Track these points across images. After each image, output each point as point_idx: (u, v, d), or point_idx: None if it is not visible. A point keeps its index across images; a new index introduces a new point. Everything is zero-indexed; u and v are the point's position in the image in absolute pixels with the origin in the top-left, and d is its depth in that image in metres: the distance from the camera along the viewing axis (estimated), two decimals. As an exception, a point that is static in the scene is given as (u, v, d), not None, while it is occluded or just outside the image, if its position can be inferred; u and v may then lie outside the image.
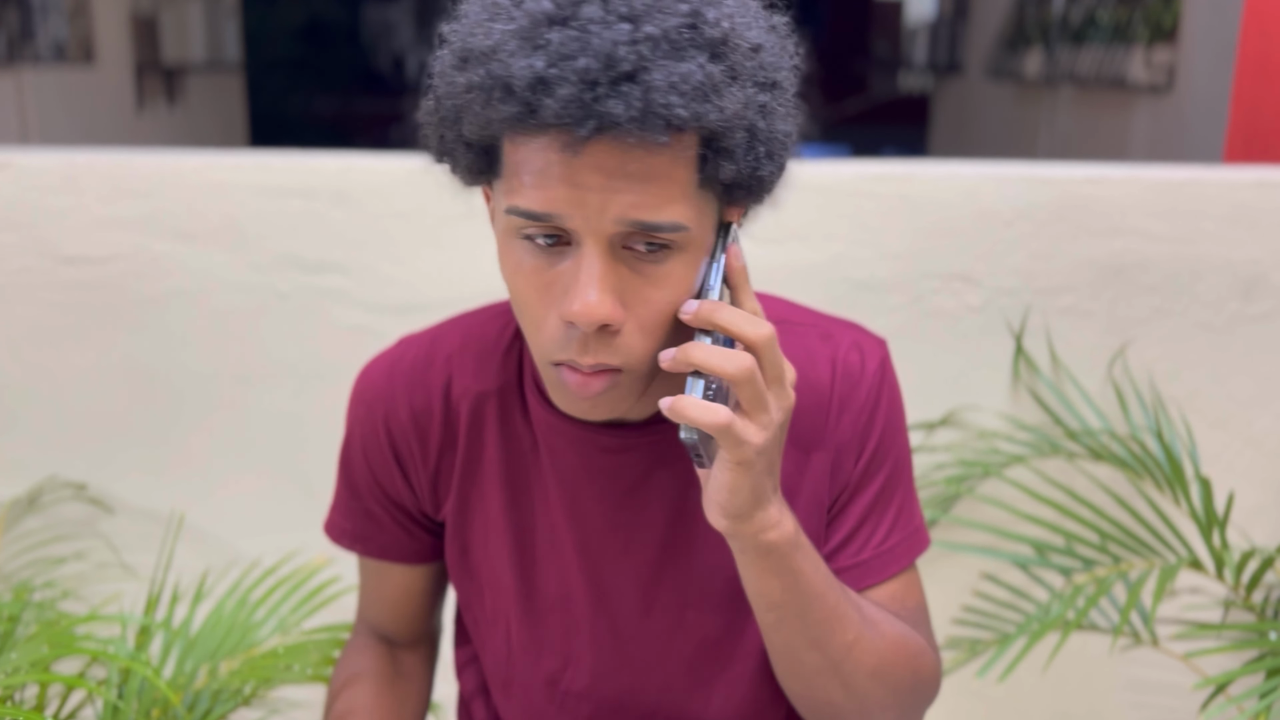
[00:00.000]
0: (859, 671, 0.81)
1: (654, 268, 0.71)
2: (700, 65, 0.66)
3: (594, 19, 0.65)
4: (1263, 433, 1.62)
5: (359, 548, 0.97)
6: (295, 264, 1.61)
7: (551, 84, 0.65)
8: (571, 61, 0.64)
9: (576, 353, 0.72)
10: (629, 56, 0.64)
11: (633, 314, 0.72)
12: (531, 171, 0.68)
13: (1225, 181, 1.57)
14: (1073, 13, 3.68)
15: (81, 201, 1.59)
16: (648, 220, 0.68)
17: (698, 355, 0.69)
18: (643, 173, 0.67)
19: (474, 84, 0.68)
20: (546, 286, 0.72)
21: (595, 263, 0.69)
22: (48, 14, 3.37)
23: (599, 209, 0.68)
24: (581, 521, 0.88)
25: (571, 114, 0.65)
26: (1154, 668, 1.66)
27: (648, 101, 0.64)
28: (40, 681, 1.12)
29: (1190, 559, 1.42)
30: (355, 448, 0.94)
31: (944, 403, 1.62)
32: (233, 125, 5.16)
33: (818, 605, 0.78)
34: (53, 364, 1.64)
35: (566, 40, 0.65)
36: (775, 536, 0.75)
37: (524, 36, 0.66)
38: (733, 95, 0.68)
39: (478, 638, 0.97)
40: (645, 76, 0.64)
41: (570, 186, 0.67)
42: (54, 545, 1.63)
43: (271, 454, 1.66)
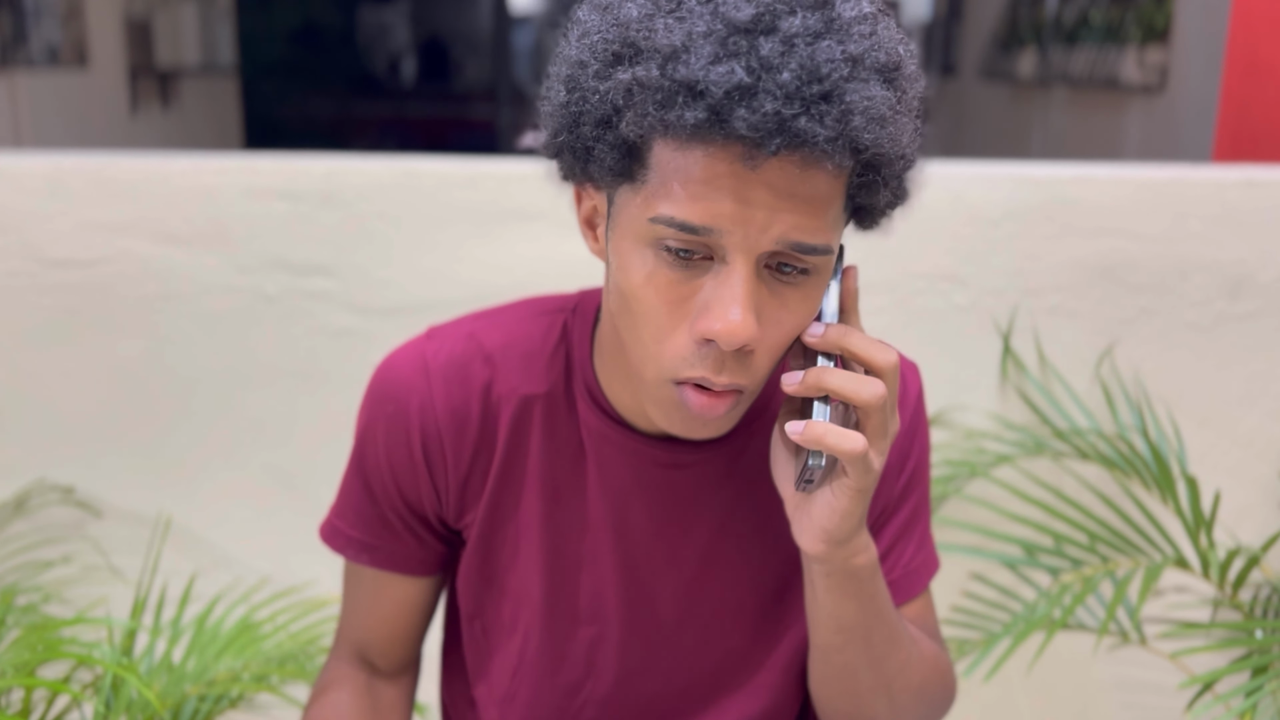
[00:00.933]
0: (907, 690, 0.82)
1: (790, 290, 0.69)
2: (881, 90, 0.64)
3: (798, 32, 0.63)
4: (1249, 432, 1.62)
5: (366, 558, 0.91)
6: (283, 266, 1.61)
7: (750, 94, 0.62)
8: (775, 74, 0.62)
9: (711, 371, 0.69)
10: (831, 75, 0.62)
11: (764, 334, 0.70)
12: (693, 181, 0.65)
13: (1212, 181, 1.57)
14: (1066, 13, 3.68)
15: (68, 205, 1.59)
16: (806, 242, 0.67)
17: (833, 381, 0.68)
18: (810, 194, 0.65)
19: (646, 83, 0.64)
20: (680, 301, 0.69)
21: (745, 281, 0.66)
22: (41, 17, 3.37)
23: (762, 227, 0.65)
24: (625, 532, 0.86)
25: (765, 127, 0.62)
26: (1141, 667, 1.66)
27: (844, 123, 0.62)
28: (25, 686, 1.11)
29: (1177, 558, 1.42)
30: (377, 449, 0.87)
31: (931, 403, 1.62)
32: (227, 129, 5.16)
33: (882, 626, 0.79)
34: (40, 367, 1.64)
35: (772, 51, 0.62)
36: (863, 561, 0.75)
37: (720, 41, 0.63)
38: (902, 124, 0.66)
39: (482, 650, 0.93)
40: (843, 98, 0.62)
41: (737, 202, 0.65)
42: (41, 549, 1.62)
43: (259, 457, 1.66)
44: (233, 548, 1.67)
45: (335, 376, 1.63)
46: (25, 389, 1.64)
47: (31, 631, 1.17)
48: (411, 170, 1.59)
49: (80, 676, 1.19)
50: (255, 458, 1.66)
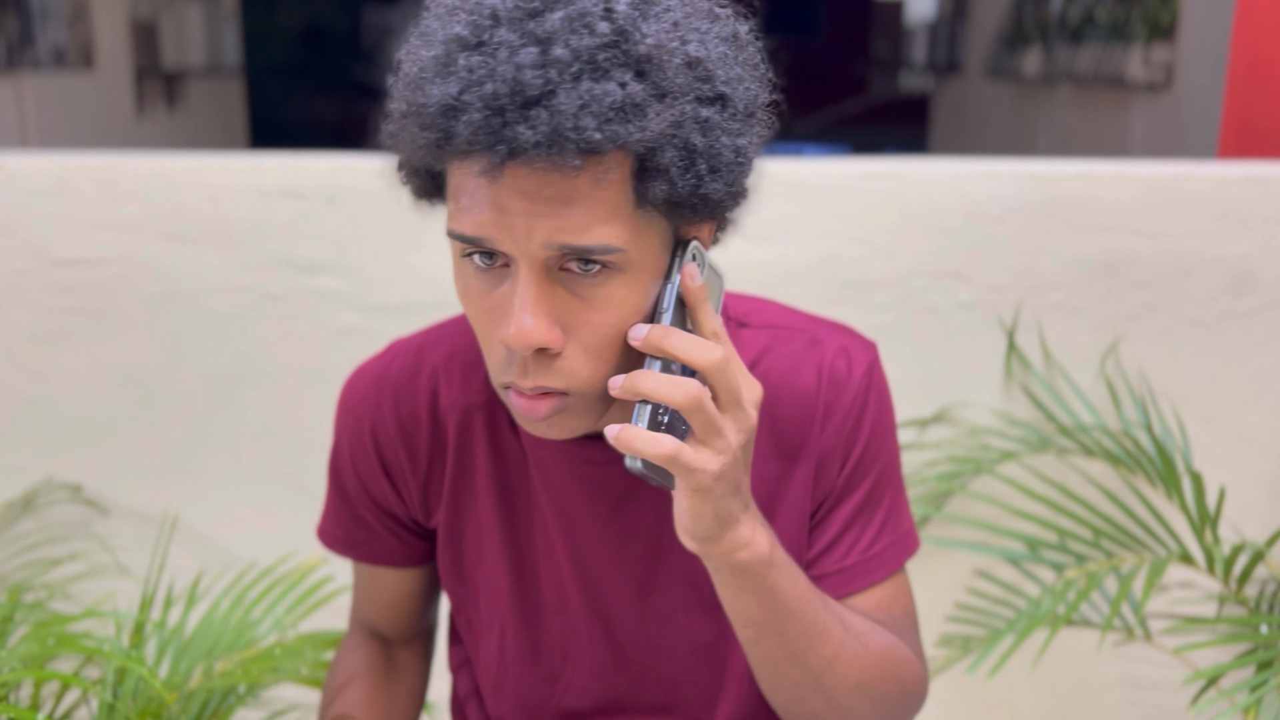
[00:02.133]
0: (841, 685, 0.81)
1: (593, 290, 0.70)
2: (621, 84, 0.64)
3: (505, 43, 0.64)
4: (1254, 428, 1.62)
5: (351, 554, 0.97)
6: (288, 265, 1.61)
7: (461, 110, 0.64)
8: (479, 87, 0.63)
9: (517, 376, 0.72)
10: (535, 81, 0.63)
11: (574, 337, 0.71)
12: (463, 195, 0.68)
13: (1215, 177, 1.57)
14: (1071, 11, 3.68)
15: (74, 204, 1.60)
16: (574, 243, 0.67)
17: (644, 384, 0.68)
18: (564, 195, 0.66)
19: (403, 112, 0.68)
20: (491, 309, 0.71)
21: (528, 286, 0.68)
22: (47, 19, 3.38)
23: (525, 233, 0.67)
24: (572, 532, 0.88)
25: (482, 140, 0.64)
26: (1146, 663, 1.66)
27: (555, 126, 0.63)
28: (35, 680, 1.12)
29: (1182, 553, 1.42)
30: (344, 456, 0.94)
31: (936, 400, 1.62)
32: (233, 130, 5.17)
33: (796, 621, 0.78)
34: (47, 367, 1.65)
35: (476, 65, 0.64)
36: (747, 556, 0.74)
37: (441, 63, 0.65)
38: (659, 114, 0.65)
39: (470, 640, 0.97)
40: (552, 101, 0.63)
41: (495, 210, 0.67)
42: (49, 547, 1.63)
43: (265, 455, 1.67)
44: (239, 545, 1.67)
45: (340, 375, 1.62)
46: (32, 388, 1.65)
47: (40, 627, 1.18)
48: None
49: (88, 673, 1.20)
50: (261, 456, 1.67)
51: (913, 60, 6.37)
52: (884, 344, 1.59)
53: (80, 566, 1.66)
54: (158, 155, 1.64)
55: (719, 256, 0.81)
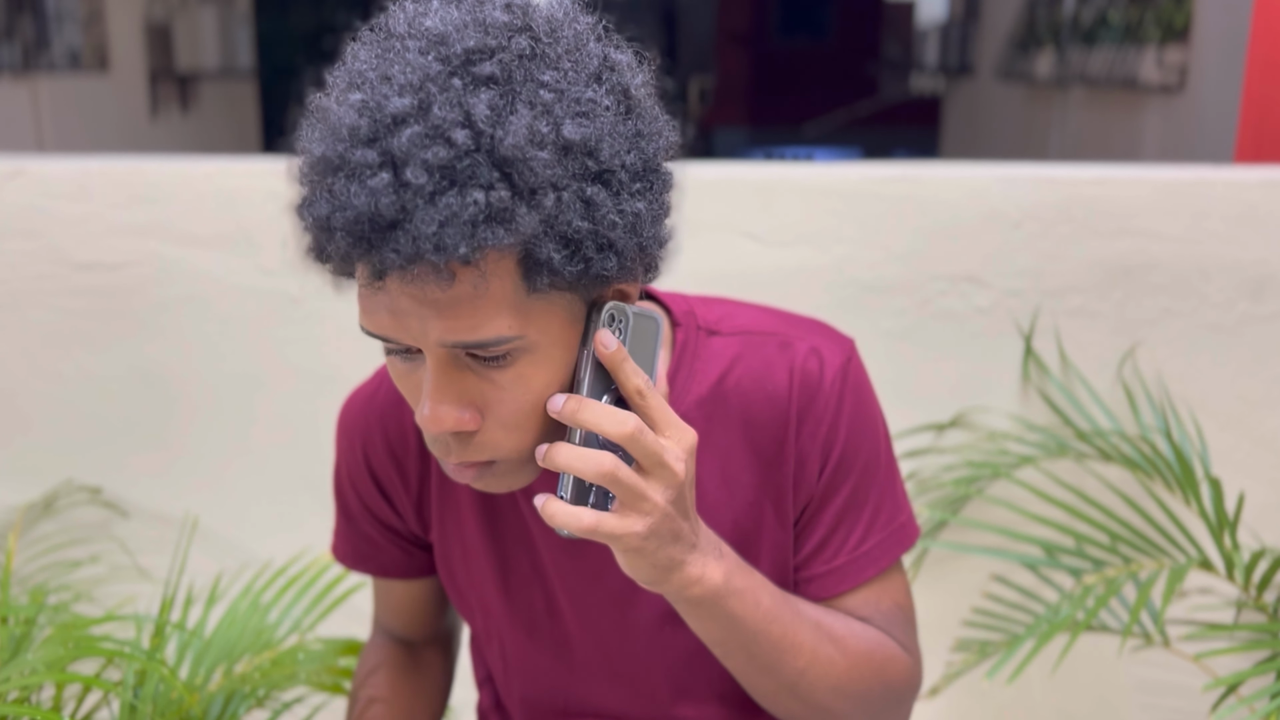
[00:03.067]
0: (816, 690, 0.82)
1: (500, 373, 0.71)
2: (484, 190, 0.63)
3: (363, 164, 0.63)
4: (1273, 433, 1.61)
5: (361, 568, 1.00)
6: (307, 268, 1.62)
7: (330, 232, 0.65)
8: (342, 212, 0.64)
9: (441, 453, 0.74)
10: (390, 206, 0.62)
11: (491, 414, 0.72)
12: (362, 296, 0.70)
13: (1233, 181, 1.56)
14: (1084, 13, 3.67)
15: (94, 208, 1.61)
16: (467, 340, 0.68)
17: (560, 458, 0.69)
18: (448, 300, 0.66)
19: (293, 215, 0.69)
20: (412, 390, 0.74)
21: (435, 376, 0.70)
22: (62, 22, 3.40)
23: (420, 332, 0.68)
24: (554, 547, 0.89)
25: (351, 261, 0.66)
26: (1164, 669, 1.66)
27: (416, 248, 0.63)
28: (57, 682, 1.13)
29: (1200, 559, 1.42)
30: (343, 477, 0.97)
31: (953, 404, 1.62)
32: (246, 132, 5.19)
33: (761, 639, 0.79)
34: (67, 369, 1.65)
35: (338, 190, 0.64)
36: (699, 591, 0.75)
37: (314, 179, 0.66)
38: (529, 213, 0.64)
39: (477, 654, 1.02)
40: (408, 225, 0.63)
41: (390, 314, 0.68)
42: (69, 549, 1.64)
43: (284, 457, 1.67)
44: (258, 547, 1.68)
45: (359, 378, 1.63)
46: (53, 391, 1.66)
47: (62, 630, 1.19)
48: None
49: (110, 675, 1.20)
50: (280, 459, 1.67)
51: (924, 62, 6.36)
52: (901, 349, 1.61)
53: (101, 568, 1.66)
54: (178, 159, 1.65)
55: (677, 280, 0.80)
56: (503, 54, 0.66)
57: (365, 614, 1.11)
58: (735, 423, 0.85)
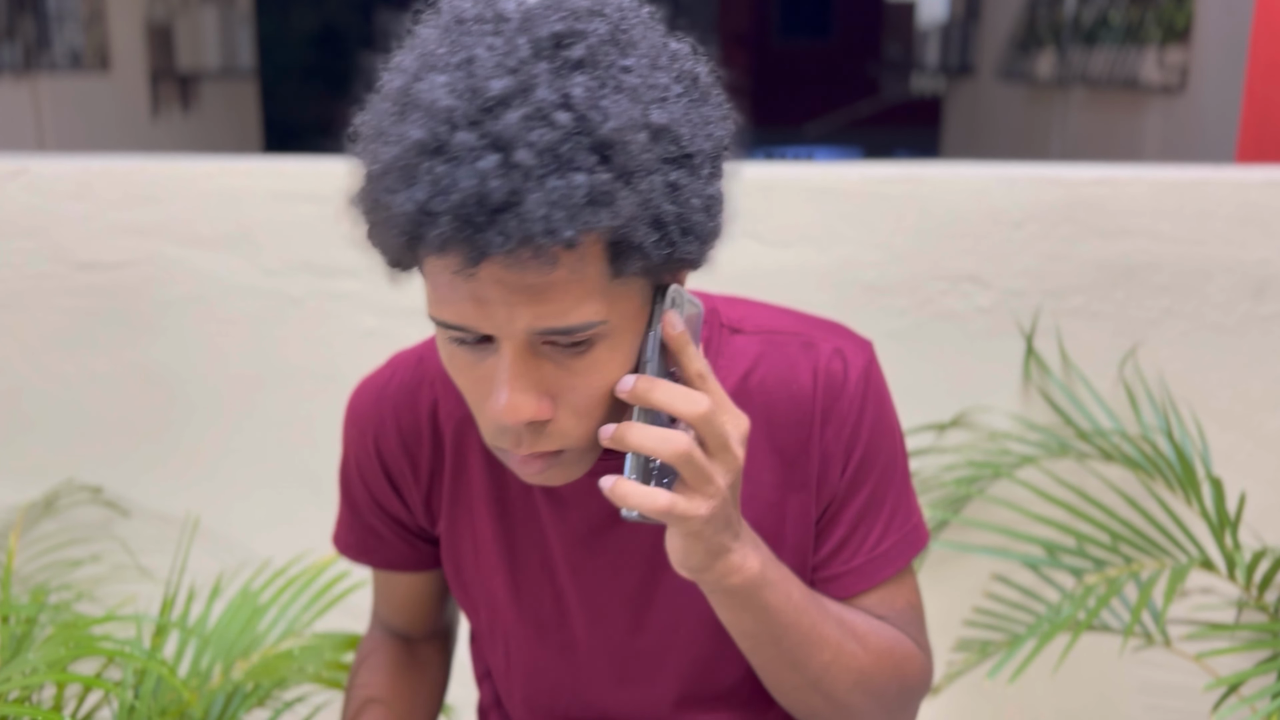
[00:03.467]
0: (839, 686, 0.82)
1: (577, 359, 0.70)
2: (588, 174, 0.63)
3: (466, 147, 0.63)
4: (1274, 433, 1.61)
5: (364, 560, 0.99)
6: (307, 268, 1.62)
7: (430, 218, 0.63)
8: (445, 197, 0.62)
9: (510, 444, 0.73)
10: (500, 188, 0.62)
11: (564, 402, 0.72)
12: (440, 286, 0.69)
13: (1235, 181, 1.56)
14: (1085, 14, 3.67)
15: (96, 208, 1.61)
16: (554, 326, 0.68)
17: (633, 438, 0.69)
18: (542, 285, 0.66)
19: (370, 207, 0.68)
20: (478, 381, 0.72)
21: (511, 365, 0.69)
22: (63, 22, 3.40)
23: (506, 320, 0.67)
24: (571, 543, 0.88)
25: (453, 245, 0.64)
26: (1166, 669, 1.66)
27: (525, 230, 0.62)
28: (58, 682, 1.13)
29: (1202, 559, 1.42)
30: (351, 467, 0.95)
31: (954, 404, 1.62)
32: (247, 132, 5.19)
33: (791, 632, 0.79)
34: (68, 368, 1.65)
35: (441, 174, 0.63)
36: (738, 580, 0.76)
37: (404, 166, 0.64)
38: (629, 195, 0.65)
39: (477, 651, 1.00)
40: (519, 207, 0.62)
41: (475, 302, 0.67)
42: (70, 548, 1.64)
43: (285, 457, 1.67)
44: (260, 547, 1.68)
45: (359, 377, 1.64)
46: (53, 390, 1.66)
47: (63, 629, 1.19)
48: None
49: (111, 674, 1.20)
50: (281, 458, 1.67)
51: (925, 62, 6.36)
52: (902, 348, 1.61)
53: (102, 568, 1.66)
54: (179, 159, 1.65)
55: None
56: (589, 38, 0.66)
57: (364, 612, 1.11)
58: (758, 422, 0.85)
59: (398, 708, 0.98)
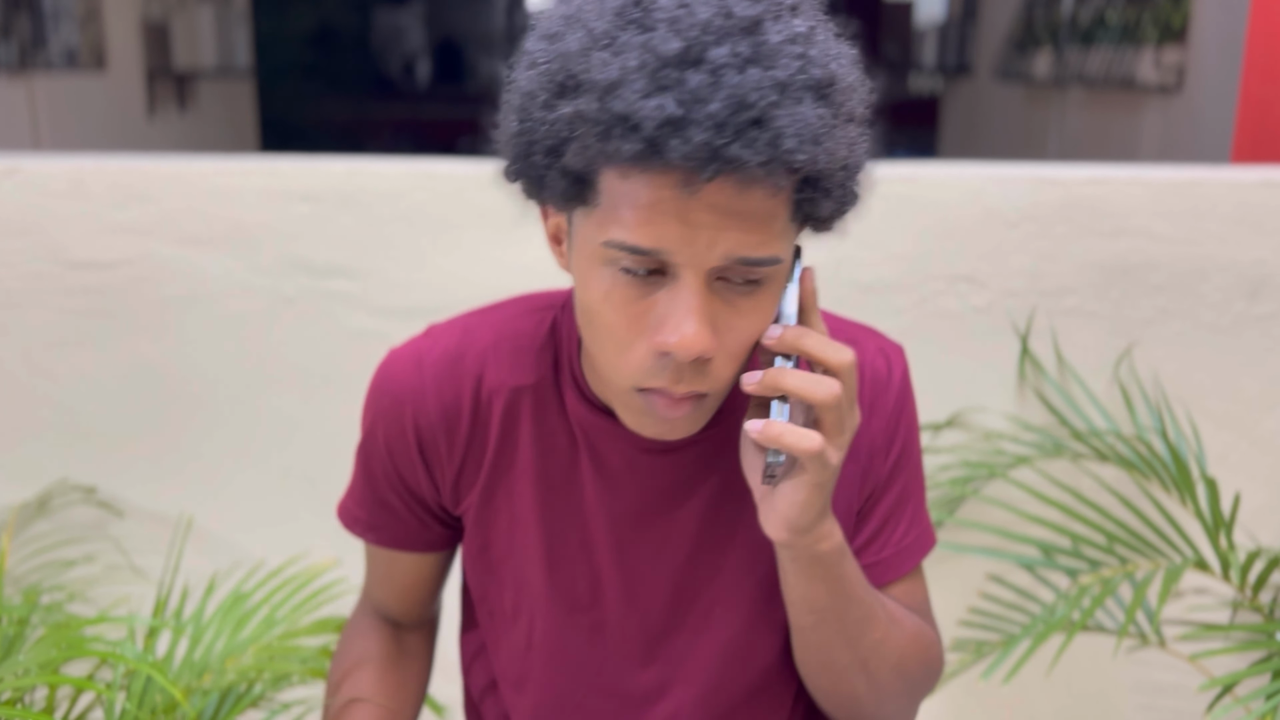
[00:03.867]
0: (883, 667, 0.85)
1: (743, 299, 0.72)
2: (817, 108, 0.66)
3: (723, 63, 0.65)
4: (1269, 433, 1.61)
5: (371, 536, 0.97)
6: (303, 268, 1.62)
7: (682, 126, 0.64)
8: (703, 105, 0.64)
9: (670, 382, 0.73)
10: (758, 102, 0.64)
11: (722, 342, 0.73)
12: (639, 206, 0.68)
13: (1231, 182, 1.56)
14: (1082, 14, 3.67)
15: (90, 207, 1.60)
16: (751, 256, 0.69)
17: (789, 381, 0.71)
18: (752, 212, 0.68)
19: (586, 116, 0.67)
20: (639, 316, 0.72)
21: (696, 296, 0.70)
22: (59, 21, 3.39)
23: (707, 245, 0.68)
24: (617, 520, 0.88)
25: (698, 157, 0.65)
26: (1160, 669, 1.66)
27: (774, 147, 0.65)
28: (49, 683, 1.12)
29: (1196, 560, 1.42)
30: (377, 439, 0.92)
31: (949, 404, 1.62)
32: (244, 131, 5.18)
33: (855, 607, 0.82)
34: (62, 368, 1.65)
35: (700, 83, 0.64)
36: (827, 547, 0.78)
37: (651, 74, 0.65)
38: (838, 137, 0.69)
39: (493, 631, 0.97)
40: (772, 123, 0.65)
41: (681, 224, 0.68)
42: (64, 548, 1.64)
43: (279, 457, 1.67)
44: (253, 547, 1.68)
45: (355, 377, 1.63)
46: (47, 390, 1.66)
47: (55, 630, 1.18)
48: (431, 172, 1.59)
49: (103, 675, 1.20)
50: (275, 458, 1.67)
51: (922, 62, 6.36)
52: (897, 348, 1.60)
53: (95, 568, 1.66)
54: (173, 158, 1.65)
55: None
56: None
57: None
58: None
59: (388, 706, 0.98)
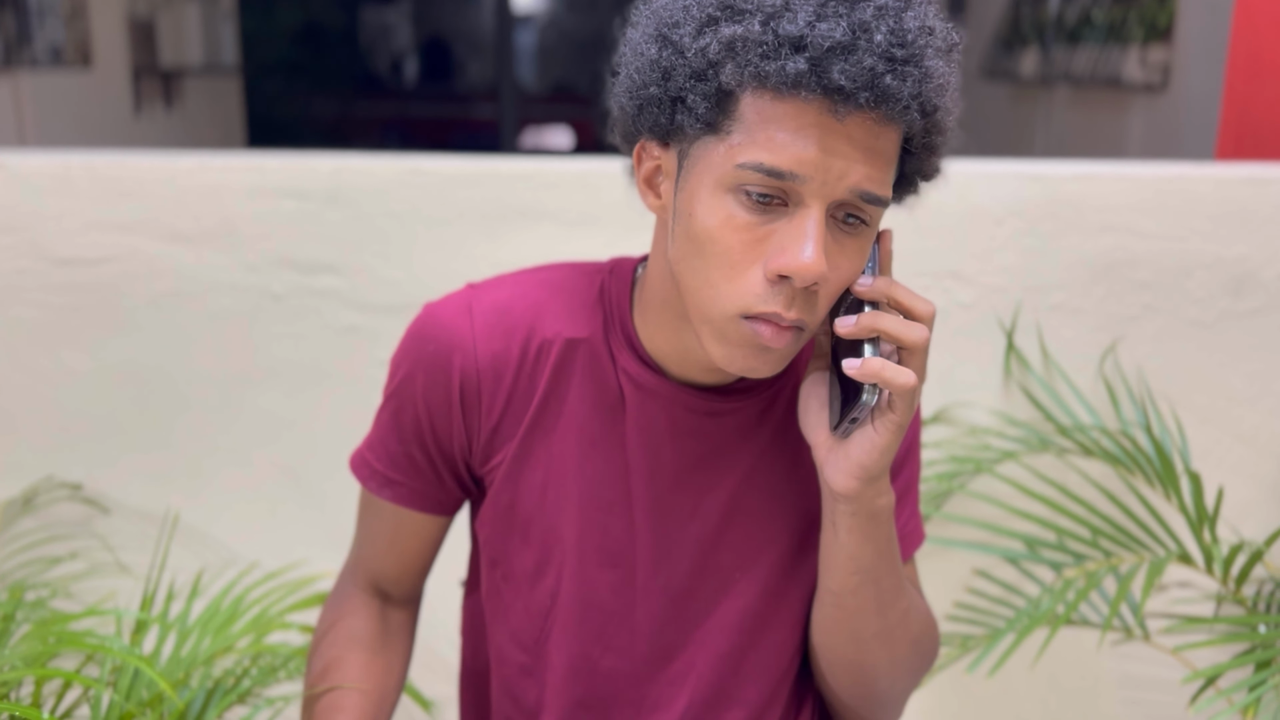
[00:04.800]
0: (905, 638, 0.89)
1: (849, 239, 0.76)
2: (945, 65, 0.73)
3: (886, 2, 0.71)
4: (1252, 428, 1.63)
5: (387, 493, 0.95)
6: (289, 265, 1.61)
7: (849, 51, 0.70)
8: (870, 35, 0.70)
9: (782, 306, 0.75)
10: (917, 42, 0.71)
11: (828, 277, 0.76)
12: (784, 130, 0.72)
13: (1215, 179, 1.57)
14: (1068, 12, 3.68)
15: (75, 203, 1.60)
16: (873, 193, 0.74)
17: (885, 323, 0.75)
18: (880, 149, 0.73)
19: (750, 37, 0.71)
20: (755, 242, 0.75)
21: (818, 224, 0.73)
22: (45, 17, 3.38)
23: (840, 175, 0.72)
24: (656, 478, 0.89)
25: (860, 81, 0.70)
26: (1145, 662, 1.67)
27: (922, 86, 0.71)
28: (37, 678, 1.12)
29: (1180, 553, 1.43)
30: (415, 389, 0.91)
31: (935, 400, 1.63)
32: (230, 128, 5.16)
33: (892, 573, 0.86)
34: (48, 365, 1.65)
35: (867, 15, 0.70)
36: (885, 502, 0.82)
37: (819, 3, 0.71)
38: (953, 94, 0.75)
39: (508, 593, 0.95)
40: (924, 63, 0.71)
41: (821, 150, 0.72)
42: (50, 545, 1.63)
43: (265, 454, 1.67)
44: (240, 544, 1.67)
45: (342, 374, 1.64)
46: (33, 387, 1.65)
47: (41, 626, 1.18)
48: (418, 169, 1.59)
49: (89, 672, 1.20)
50: (262, 455, 1.67)
51: (910, 61, 6.38)
52: (884, 344, 1.61)
53: (81, 565, 1.66)
54: (160, 154, 1.64)
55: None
56: None
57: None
58: None
59: (372, 694, 0.97)
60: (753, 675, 0.94)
